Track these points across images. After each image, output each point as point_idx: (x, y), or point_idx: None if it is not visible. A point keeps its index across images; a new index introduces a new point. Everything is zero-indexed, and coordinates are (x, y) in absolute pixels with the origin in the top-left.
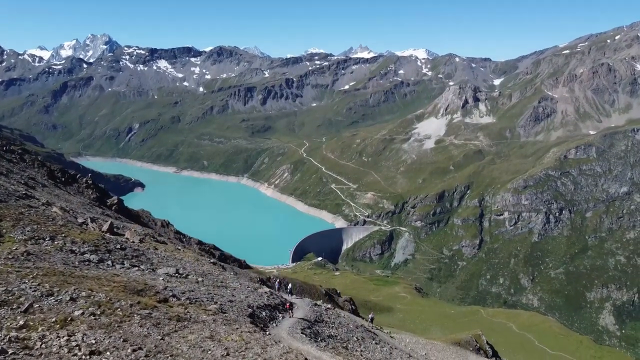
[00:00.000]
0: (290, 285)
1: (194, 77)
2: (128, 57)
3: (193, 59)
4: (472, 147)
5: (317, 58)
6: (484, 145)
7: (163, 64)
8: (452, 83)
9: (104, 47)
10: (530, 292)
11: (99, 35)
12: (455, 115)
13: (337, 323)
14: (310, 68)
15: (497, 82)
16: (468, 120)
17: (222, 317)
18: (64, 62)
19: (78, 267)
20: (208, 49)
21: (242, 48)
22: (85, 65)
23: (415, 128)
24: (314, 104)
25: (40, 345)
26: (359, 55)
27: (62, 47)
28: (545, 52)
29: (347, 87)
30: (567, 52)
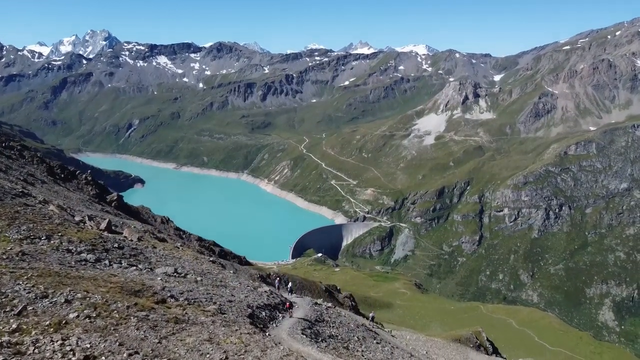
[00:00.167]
0: (291, 284)
1: (194, 73)
2: (128, 53)
3: (193, 55)
4: (472, 143)
5: (317, 54)
6: (484, 142)
7: (163, 60)
8: (452, 79)
9: (104, 42)
10: (530, 288)
11: (99, 31)
12: (455, 112)
13: (337, 322)
14: (310, 64)
15: (497, 78)
16: (468, 117)
17: (221, 318)
18: (64, 58)
19: (74, 267)
20: (208, 45)
21: (241, 44)
22: (85, 61)
23: (415, 124)
24: (314, 100)
25: (34, 350)
26: (359, 51)
27: (61, 42)
28: (546, 48)
29: (347, 83)
30: (567, 47)
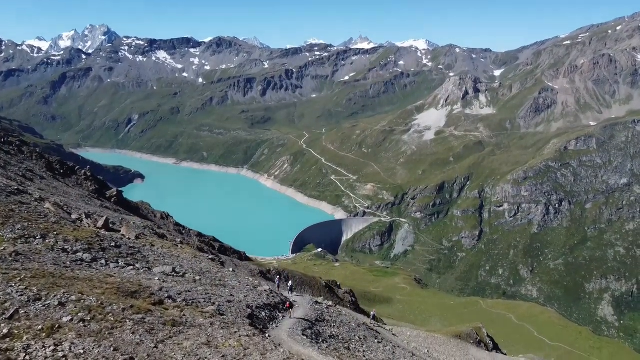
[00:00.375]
0: (291, 283)
1: (193, 68)
2: (127, 47)
3: (192, 50)
4: (472, 138)
5: (316, 49)
6: (484, 137)
7: (162, 55)
8: (452, 74)
9: (103, 37)
10: (530, 283)
11: (98, 26)
12: (456, 107)
13: (338, 322)
14: (310, 59)
15: (497, 73)
16: (468, 112)
17: (219, 319)
18: (63, 52)
19: (69, 267)
20: (207, 40)
21: (241, 39)
22: (84, 56)
23: (415, 119)
24: (314, 95)
25: (25, 357)
26: (359, 46)
27: (60, 37)
28: (546, 42)
29: (347, 78)
30: (568, 42)
